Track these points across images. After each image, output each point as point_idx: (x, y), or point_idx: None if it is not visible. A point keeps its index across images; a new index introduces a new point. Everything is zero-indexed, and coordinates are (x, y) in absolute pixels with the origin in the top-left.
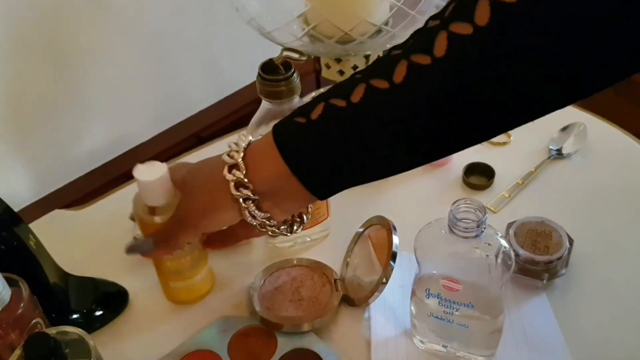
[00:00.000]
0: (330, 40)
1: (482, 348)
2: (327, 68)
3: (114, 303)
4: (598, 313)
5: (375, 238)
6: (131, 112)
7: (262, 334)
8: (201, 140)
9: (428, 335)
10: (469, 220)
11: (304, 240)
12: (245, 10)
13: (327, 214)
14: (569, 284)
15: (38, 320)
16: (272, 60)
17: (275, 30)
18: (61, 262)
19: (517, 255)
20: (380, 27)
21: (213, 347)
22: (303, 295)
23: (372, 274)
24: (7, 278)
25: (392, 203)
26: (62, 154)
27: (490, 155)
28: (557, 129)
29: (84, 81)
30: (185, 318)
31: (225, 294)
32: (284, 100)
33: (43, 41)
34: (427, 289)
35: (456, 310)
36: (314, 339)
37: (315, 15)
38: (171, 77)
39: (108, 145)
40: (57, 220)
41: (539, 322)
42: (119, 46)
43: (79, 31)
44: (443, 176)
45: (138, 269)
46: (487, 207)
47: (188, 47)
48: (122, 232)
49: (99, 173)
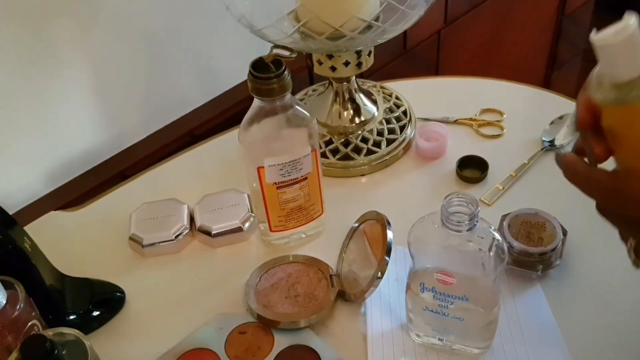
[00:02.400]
0: (321, 37)
1: (478, 340)
2: (319, 64)
3: (111, 303)
4: (593, 303)
5: (370, 233)
6: (125, 112)
7: (259, 331)
8: (195, 138)
9: (424, 328)
10: (462, 214)
11: (299, 237)
12: (235, 8)
13: (322, 210)
14: (563, 275)
15: (35, 322)
16: (263, 58)
17: (265, 28)
18: (57, 263)
19: (511, 247)
20: (371, 23)
21: (210, 345)
22: (299, 291)
23: (367, 268)
24: (3, 281)
25: (386, 197)
26: (56, 155)
27: (484, 148)
28: (549, 121)
29: (76, 81)
30: (181, 317)
31: (222, 292)
32: (276, 97)
33: (33, 40)
34: (421, 282)
35: (451, 303)
36: (311, 335)
37: (306, 12)
38: (164, 75)
39: (103, 146)
40: (53, 222)
41: (534, 313)
42: (111, 45)
43: (71, 29)
44: (437, 170)
45: (134, 269)
46: (481, 200)
47: (181, 45)
48: (118, 233)
49: (94, 174)
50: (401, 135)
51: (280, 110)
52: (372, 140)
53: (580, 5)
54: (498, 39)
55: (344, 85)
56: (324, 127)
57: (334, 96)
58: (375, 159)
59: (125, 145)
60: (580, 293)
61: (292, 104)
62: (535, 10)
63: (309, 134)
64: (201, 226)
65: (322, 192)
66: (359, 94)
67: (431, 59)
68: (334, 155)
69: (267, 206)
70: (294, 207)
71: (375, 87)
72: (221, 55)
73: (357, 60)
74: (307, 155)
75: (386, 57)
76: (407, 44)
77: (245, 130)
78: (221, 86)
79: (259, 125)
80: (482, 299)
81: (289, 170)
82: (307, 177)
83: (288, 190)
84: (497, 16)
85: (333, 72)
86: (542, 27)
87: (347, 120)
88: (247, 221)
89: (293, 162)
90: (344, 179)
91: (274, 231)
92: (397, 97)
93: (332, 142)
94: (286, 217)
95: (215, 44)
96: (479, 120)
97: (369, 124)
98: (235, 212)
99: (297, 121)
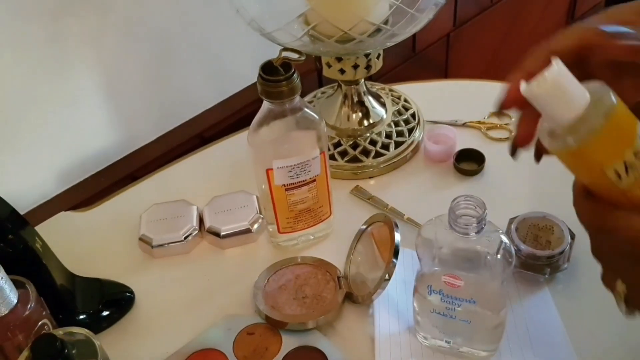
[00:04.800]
0: (330, 40)
1: (485, 343)
2: (328, 67)
3: (120, 303)
4: (600, 307)
5: (378, 235)
6: (135, 114)
7: (266, 332)
8: (205, 140)
9: (431, 331)
10: (469, 217)
11: (307, 238)
12: (245, 12)
13: (330, 212)
14: (571, 278)
15: (45, 321)
16: (272, 61)
17: (275, 31)
18: (68, 263)
19: (519, 250)
20: (380, 26)
21: (218, 346)
22: (307, 293)
23: (375, 270)
24: (14, 280)
25: (394, 200)
26: (67, 156)
27: (492, 151)
28: None
29: (87, 83)
30: (190, 317)
31: (230, 293)
32: (285, 100)
33: (45, 43)
34: (428, 285)
35: (458, 306)
36: (319, 336)
37: (315, 16)
38: (174, 78)
39: (113, 147)
40: (64, 222)
41: (542, 317)
42: (122, 48)
43: (81, 32)
44: (444, 172)
45: (144, 269)
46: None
47: (191, 47)
48: (128, 233)
49: (105, 175)
50: (409, 138)
51: (289, 113)
52: (380, 142)
53: (590, 9)
54: (507, 42)
55: (352, 87)
56: (332, 130)
57: (343, 99)
58: (383, 162)
59: (136, 147)
60: (588, 297)
61: (301, 107)
62: (544, 13)
63: (317, 137)
64: (210, 227)
65: (330, 194)
66: (368, 96)
67: (440, 62)
68: (342, 158)
69: (276, 208)
70: (303, 209)
71: (384, 90)
72: (231, 57)
73: (366, 63)
74: (315, 158)
75: (395, 59)
76: (416, 46)
77: (254, 133)
78: (231, 88)
79: (268, 128)
80: (490, 302)
81: (298, 172)
82: (316, 179)
83: (296, 192)
84: (506, 19)
85: (342, 75)
86: (551, 30)
87: (356, 123)
88: (256, 223)
89: (302, 164)
90: (353, 181)
91: (283, 233)
92: (405, 99)
93: (340, 145)
94: (294, 218)
95: (225, 46)
96: (488, 123)
97: (377, 126)
98: (244, 214)
99: (306, 123)
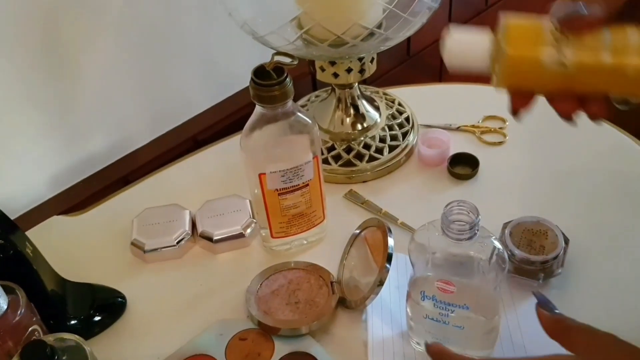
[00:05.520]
0: (323, 44)
1: (478, 349)
2: (321, 70)
3: (112, 309)
4: (594, 312)
5: (371, 240)
6: (128, 117)
7: (259, 338)
8: (198, 143)
9: (424, 336)
10: (462, 223)
11: (300, 243)
12: (238, 15)
13: (324, 216)
14: (565, 284)
15: (35, 327)
16: (264, 65)
17: (268, 35)
18: (59, 268)
19: (512, 255)
20: (373, 30)
21: (210, 351)
22: (300, 298)
23: (368, 275)
24: (4, 286)
25: (388, 204)
26: (58, 160)
27: (486, 155)
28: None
29: (80, 85)
30: (182, 323)
31: (222, 298)
32: (277, 104)
33: (36, 45)
34: (421, 291)
35: (451, 311)
36: (311, 342)
37: (308, 19)
38: (167, 81)
39: (105, 151)
40: (55, 227)
41: (535, 322)
42: (114, 50)
43: (73, 34)
44: (438, 177)
45: (136, 274)
46: None
47: (184, 50)
48: (120, 238)
49: (97, 178)
50: (404, 142)
51: (282, 117)
52: (374, 146)
53: None
54: None
55: (346, 91)
56: (326, 134)
57: (337, 102)
58: (377, 166)
59: (128, 150)
60: (582, 301)
61: (293, 111)
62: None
63: (310, 141)
64: (203, 232)
65: (324, 198)
66: (362, 100)
67: (435, 66)
68: (336, 162)
69: (269, 212)
70: (296, 214)
71: (378, 94)
72: (225, 60)
73: (359, 67)
74: (308, 162)
75: (389, 63)
76: (410, 50)
77: (246, 137)
78: (225, 91)
79: (260, 132)
80: (483, 308)
81: (291, 177)
82: (309, 184)
83: (289, 196)
84: None
85: (336, 79)
86: None
87: (350, 127)
88: (249, 227)
89: (294, 168)
90: (346, 185)
91: (276, 237)
92: (399, 103)
93: (334, 149)
94: (287, 223)
95: (219, 49)
96: (482, 127)
97: (371, 130)
98: (237, 218)
99: (298, 128)
